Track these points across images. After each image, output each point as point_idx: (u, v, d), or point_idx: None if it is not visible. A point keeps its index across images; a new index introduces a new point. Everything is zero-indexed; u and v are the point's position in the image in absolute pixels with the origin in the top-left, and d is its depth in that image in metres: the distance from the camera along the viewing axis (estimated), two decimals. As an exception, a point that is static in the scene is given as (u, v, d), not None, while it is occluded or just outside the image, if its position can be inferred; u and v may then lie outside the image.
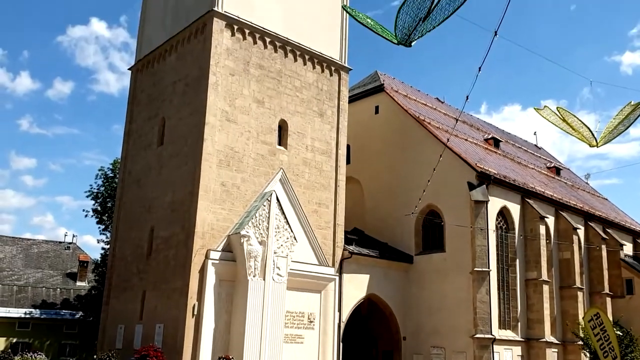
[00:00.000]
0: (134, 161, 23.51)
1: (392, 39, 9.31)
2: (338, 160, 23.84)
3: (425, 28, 9.19)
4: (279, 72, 22.33)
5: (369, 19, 9.78)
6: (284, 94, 22.34)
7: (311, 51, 23.44)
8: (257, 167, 20.99)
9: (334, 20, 24.56)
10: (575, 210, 30.16)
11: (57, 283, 33.05)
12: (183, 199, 19.95)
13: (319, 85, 23.76)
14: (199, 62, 20.78)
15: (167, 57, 22.88)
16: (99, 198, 30.08)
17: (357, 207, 27.23)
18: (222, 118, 20.30)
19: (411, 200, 24.07)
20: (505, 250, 25.73)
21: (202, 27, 21.03)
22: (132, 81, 25.02)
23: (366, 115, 29.07)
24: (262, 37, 21.90)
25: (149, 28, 24.86)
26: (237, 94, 20.86)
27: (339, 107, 24.35)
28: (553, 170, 36.61)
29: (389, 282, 25.07)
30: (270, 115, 21.76)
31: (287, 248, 20.37)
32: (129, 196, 23.23)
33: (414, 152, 26.66)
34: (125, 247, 22.61)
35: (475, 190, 24.33)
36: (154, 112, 22.83)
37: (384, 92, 28.99)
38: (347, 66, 24.77)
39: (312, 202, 22.63)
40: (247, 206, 20.36)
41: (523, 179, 28.81)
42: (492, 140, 32.20)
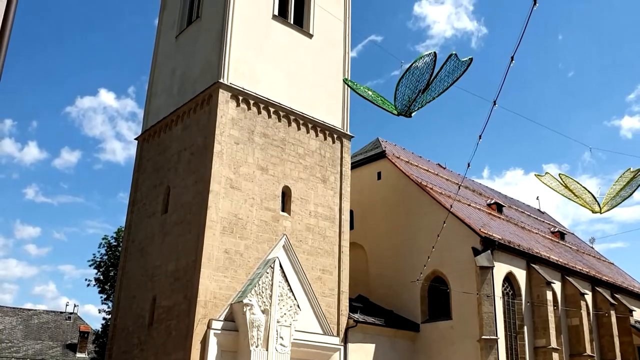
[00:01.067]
0: (137, 229, 23.55)
1: (393, 110, 9.60)
2: (341, 226, 23.85)
3: (425, 99, 9.50)
4: (282, 140, 22.73)
5: (369, 90, 10.12)
6: (287, 161, 22.65)
7: (314, 120, 23.94)
8: (261, 234, 21.00)
9: (336, 90, 25.21)
10: (581, 276, 29.81)
11: (57, 355, 32.34)
12: (186, 267, 19.85)
13: (321, 152, 24.12)
14: (205, 131, 21.21)
15: (173, 127, 23.37)
16: (102, 267, 29.93)
17: (361, 274, 26.99)
18: (227, 185, 20.51)
19: (416, 266, 23.90)
20: (513, 317, 25.26)
21: (208, 99, 21.60)
22: (138, 150, 25.45)
23: (369, 181, 29.31)
24: (267, 107, 22.44)
25: (156, 99, 25.52)
26: (241, 162, 21.16)
27: (342, 174, 24.60)
28: (557, 234, 36.45)
29: (395, 352, 24.48)
30: (274, 182, 21.97)
31: (290, 317, 20.05)
32: (132, 265, 23.11)
33: (418, 218, 26.69)
34: (127, 317, 22.29)
35: (480, 255, 24.18)
36: (159, 180, 23.09)
37: (385, 159, 29.35)
38: (349, 133, 25.21)
39: (315, 268, 22.47)
40: (250, 273, 20.21)
41: (528, 244, 28.66)
42: (495, 205, 32.26)
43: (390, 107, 9.69)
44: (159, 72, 25.96)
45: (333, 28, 25.92)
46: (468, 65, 9.09)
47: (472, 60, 9.13)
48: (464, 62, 9.15)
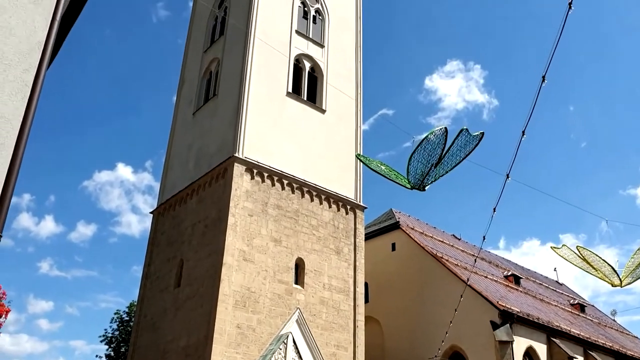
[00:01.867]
0: (150, 304, 23.32)
1: (406, 184, 9.65)
2: (356, 299, 23.44)
3: (438, 173, 9.56)
4: (296, 212, 22.79)
5: (382, 165, 10.22)
6: (301, 233, 22.62)
7: (327, 191, 24.08)
8: (274, 308, 20.67)
9: (349, 162, 25.49)
10: (605, 350, 28.74)
11: None
12: (197, 342, 19.46)
13: (335, 223, 24.09)
14: (219, 204, 21.37)
15: (188, 200, 23.61)
16: (113, 342, 29.45)
17: (377, 349, 26.25)
18: (240, 258, 20.42)
19: (433, 341, 23.23)
20: (536, 394, 24.21)
21: (223, 172, 21.91)
22: (153, 224, 25.60)
23: (383, 252, 29.05)
24: (280, 179, 22.68)
25: (172, 173, 25.93)
26: (255, 234, 21.16)
27: (356, 245, 24.45)
28: (577, 307, 35.45)
29: None
30: (287, 254, 21.85)
31: (304, 395, 19.38)
32: (144, 340, 22.73)
33: (434, 291, 26.20)
34: (136, 395, 21.69)
35: (499, 329, 23.50)
36: (173, 254, 23.08)
37: (400, 230, 29.20)
38: (362, 204, 25.25)
39: (330, 344, 21.92)
40: (262, 349, 19.74)
41: (547, 317, 27.87)
42: (512, 277, 31.66)
43: (404, 181, 9.75)
44: (176, 147, 26.52)
45: (345, 103, 26.53)
46: (480, 140, 9.19)
47: (484, 135, 9.24)
48: (476, 136, 9.26)
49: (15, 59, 6.76)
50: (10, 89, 6.61)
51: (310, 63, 26.03)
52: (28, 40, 6.90)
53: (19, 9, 6.90)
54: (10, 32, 6.79)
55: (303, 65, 25.74)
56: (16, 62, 6.75)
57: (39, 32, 7.00)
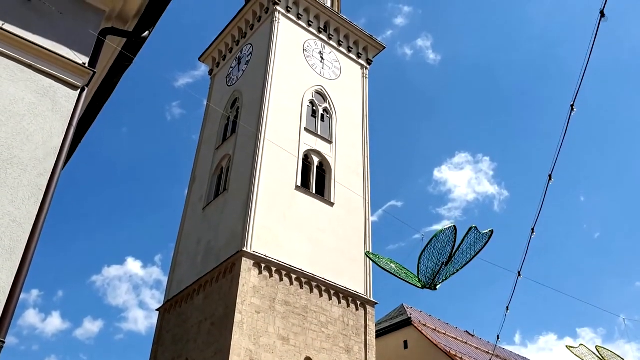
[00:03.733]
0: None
1: (417, 284, 9.52)
2: (368, 402, 22.37)
3: (449, 271, 9.45)
4: (304, 308, 22.31)
5: (392, 263, 10.13)
6: (309, 330, 22.01)
7: (337, 286, 23.67)
8: (282, 412, 19.73)
9: (358, 256, 25.24)
10: None
11: None
12: None
13: (345, 320, 23.48)
14: (226, 300, 21.00)
15: (195, 296, 23.24)
16: None
17: None
18: (246, 358, 19.76)
19: None
20: None
21: (231, 267, 21.72)
22: (159, 322, 25.06)
23: (395, 350, 28.09)
24: (289, 274, 22.39)
25: (179, 269, 25.74)
26: (262, 332, 20.61)
27: (367, 343, 23.67)
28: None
29: None
30: (295, 353, 21.14)
31: None
32: None
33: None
34: None
35: None
36: (178, 352, 22.41)
37: (412, 326, 28.40)
38: (373, 300, 24.71)
39: None
40: None
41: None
42: (530, 375, 30.32)
43: (414, 280, 9.63)
44: (185, 242, 26.50)
45: (354, 197, 26.70)
46: (489, 238, 9.16)
47: (493, 232, 9.21)
48: (485, 234, 9.24)
49: (30, 164, 6.89)
50: (24, 193, 6.70)
51: (318, 158, 26.51)
52: (44, 145, 7.06)
53: (38, 117, 7.14)
54: (27, 139, 6.98)
55: (312, 160, 26.20)
56: (31, 168, 6.88)
57: (55, 138, 7.18)
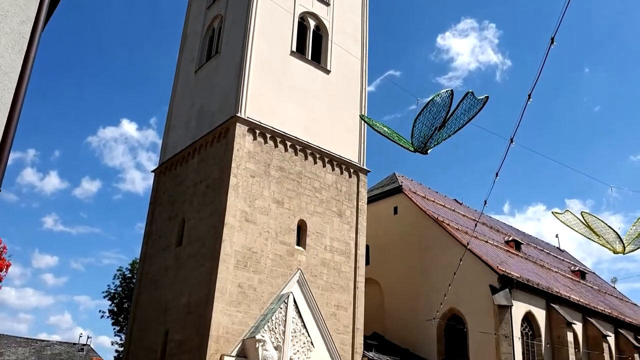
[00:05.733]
0: (152, 262, 23.52)
1: (409, 147, 9.54)
2: (357, 261, 23.58)
3: (441, 137, 9.43)
4: (299, 174, 22.73)
5: (385, 127, 10.08)
6: (303, 195, 22.60)
7: (330, 154, 23.95)
8: (275, 268, 20.82)
9: (353, 124, 25.27)
10: (604, 317, 29.02)
11: (68, 386, 32.09)
12: (198, 301, 19.69)
13: (338, 186, 24.04)
14: (221, 164, 21.30)
15: (189, 159, 23.53)
16: (116, 299, 29.87)
17: (376, 310, 26.55)
18: (242, 219, 20.46)
19: (432, 304, 23.47)
20: (532, 358, 24.56)
21: (225, 132, 21.76)
22: (155, 183, 25.61)
23: (385, 216, 29.10)
24: (283, 141, 22.53)
25: (173, 132, 25.79)
26: (257, 195, 21.15)
27: (358, 208, 24.45)
28: (578, 274, 35.68)
29: (410, 391, 23.89)
30: (289, 216, 21.88)
31: (303, 354, 19.69)
32: (145, 298, 23.01)
33: (434, 254, 26.34)
34: (139, 350, 22.08)
35: (498, 294, 23.69)
36: (175, 213, 23.14)
37: (402, 193, 29.18)
38: (365, 168, 25.14)
39: (330, 304, 22.15)
40: (263, 308, 19.98)
41: (547, 282, 28.06)
42: (513, 242, 31.77)
43: (407, 143, 9.64)
44: (178, 105, 26.30)
45: (351, 64, 26.15)
46: (484, 104, 9.03)
47: (488, 98, 9.07)
48: (480, 100, 9.09)
49: (12, 10, 6.57)
50: (7, 41, 6.45)
51: (315, 21, 25.54)
52: (24, -9, 6.69)
53: (14, -42, 6.67)
54: (5, -18, 6.59)
55: (308, 23, 25.26)
56: (12, 14, 6.57)
57: (35, -18, 6.79)
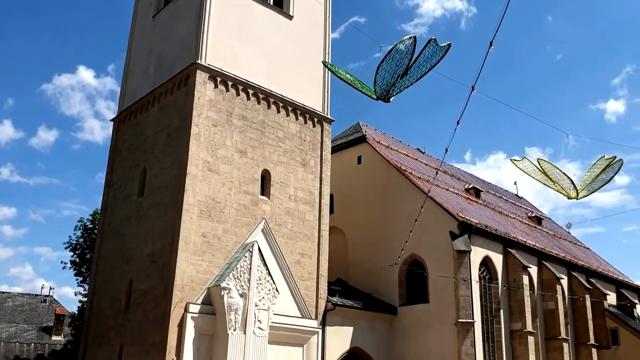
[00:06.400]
0: (113, 212, 23.22)
1: (371, 95, 9.46)
2: (321, 210, 23.77)
3: (403, 84, 9.36)
4: (262, 123, 22.47)
5: (348, 74, 9.94)
6: (267, 145, 22.43)
7: (294, 103, 23.69)
8: (239, 218, 20.83)
9: (316, 73, 24.95)
10: (558, 260, 30.21)
11: (32, 338, 32.00)
12: (162, 250, 19.63)
13: (302, 135, 23.92)
14: (182, 113, 20.86)
15: (149, 108, 22.96)
16: (78, 250, 29.54)
17: (340, 258, 27.00)
18: (204, 168, 20.25)
19: (395, 251, 23.96)
20: (489, 300, 25.54)
21: (185, 79, 21.22)
22: (114, 132, 25.00)
23: (349, 165, 29.23)
24: (246, 89, 22.14)
25: (132, 80, 25.03)
26: (219, 145, 20.89)
27: (322, 158, 24.47)
28: (534, 220, 36.84)
29: (373, 334, 24.64)
30: (253, 165, 21.76)
31: (268, 300, 20.00)
32: (108, 248, 22.82)
33: (397, 202, 26.72)
34: (103, 300, 22.05)
35: (457, 240, 24.33)
36: (135, 162, 22.73)
37: (366, 143, 29.26)
38: (329, 117, 25.03)
39: (294, 252, 22.41)
40: (228, 257, 20.08)
41: (505, 228, 28.91)
42: (473, 190, 32.44)
43: (369, 91, 9.55)
44: (136, 51, 25.44)
45: (314, 9, 25.59)
46: (446, 52, 8.97)
47: (450, 46, 9.01)
48: (442, 47, 9.02)
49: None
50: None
51: (277, -34, 24.72)
52: None
53: None
54: None
55: (270, -33, 24.44)
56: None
57: None
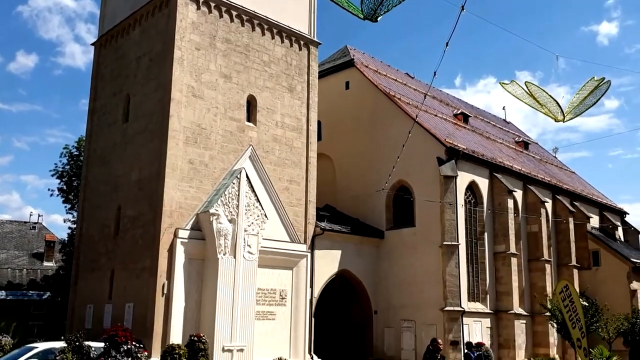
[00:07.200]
0: (98, 139, 22.95)
1: (358, 14, 9.14)
2: (309, 137, 23.64)
3: (391, 3, 9.03)
4: (246, 47, 21.89)
5: (334, -8, 9.56)
6: (252, 69, 21.96)
7: (279, 25, 23.00)
8: (226, 144, 20.68)
9: (302, -7, 24.09)
10: (543, 184, 30.63)
11: (23, 264, 32.39)
12: (150, 177, 19.58)
13: (287, 59, 23.40)
14: (164, 36, 20.22)
15: (130, 31, 22.21)
16: (65, 177, 29.39)
17: (328, 184, 27.17)
18: (188, 94, 19.88)
19: (382, 176, 24.11)
20: (474, 224, 26.05)
21: (166, 1, 20.42)
22: (95, 57, 24.28)
23: (336, 91, 28.85)
24: (229, 10, 21.39)
25: (111, 2, 24.07)
26: (203, 69, 20.42)
27: (309, 83, 24.07)
28: (521, 144, 37.04)
29: (360, 257, 25.20)
30: (238, 91, 21.38)
31: (257, 226, 20.22)
32: (95, 174, 22.72)
33: (385, 128, 26.63)
34: (92, 227, 22.19)
35: (444, 165, 24.47)
36: (118, 88, 22.24)
37: (354, 67, 28.77)
38: (316, 40, 24.42)
39: (282, 179, 22.46)
40: (215, 184, 20.09)
41: (491, 153, 29.07)
42: (461, 115, 32.34)
43: (356, 10, 9.23)
44: (114, -29, 24.29)
45: None
46: (437, -35, 8.59)
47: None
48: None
49: None
50: None
51: None
52: None
53: None
54: None
55: None
56: None
57: None
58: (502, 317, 25.48)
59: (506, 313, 25.38)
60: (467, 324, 23.91)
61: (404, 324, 24.48)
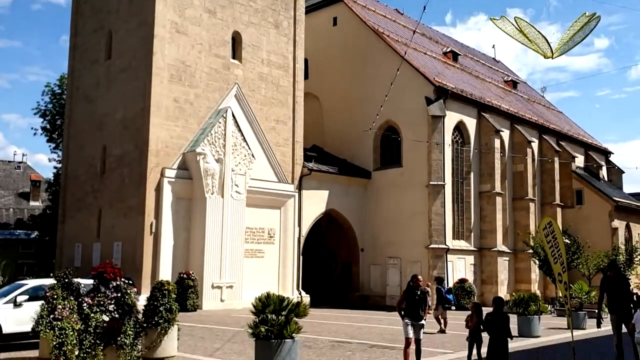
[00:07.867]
0: (81, 76, 22.45)
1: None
2: (295, 75, 23.29)
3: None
4: (231, -19, 21.17)
5: None
6: (236, 4, 21.33)
7: (265, -42, 22.20)
8: (211, 82, 20.33)
9: None
10: (530, 124, 30.64)
11: (10, 203, 32.32)
12: (134, 115, 19.31)
13: (274, -5, 22.71)
14: (145, -31, 19.46)
15: (110, -37, 21.35)
16: (48, 116, 28.91)
17: (316, 124, 26.98)
18: (172, 30, 19.35)
19: (370, 116, 23.91)
20: (461, 164, 26.17)
21: None
22: (74, -10, 23.44)
23: (324, 27, 28.20)
24: (212, -58, 20.56)
25: None
26: (186, 4, 19.79)
27: (296, 18, 23.49)
28: (510, 84, 36.80)
29: (347, 197, 25.37)
30: (222, 27, 20.84)
31: (245, 165, 20.18)
32: (78, 113, 22.36)
33: (373, 66, 26.23)
34: (78, 166, 22.04)
35: (432, 105, 24.31)
36: (99, 24, 21.58)
37: (342, 2, 28.04)
38: (303, -26, 23.67)
39: (269, 118, 22.25)
40: (202, 123, 19.88)
41: (480, 92, 28.88)
42: (451, 53, 31.89)
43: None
44: None
45: None
46: None
47: None
48: None
49: None
50: None
51: None
52: None
53: None
54: None
55: None
56: None
57: None
58: (485, 254, 26.03)
59: (489, 250, 25.91)
60: (452, 261, 24.43)
61: (390, 261, 24.95)
